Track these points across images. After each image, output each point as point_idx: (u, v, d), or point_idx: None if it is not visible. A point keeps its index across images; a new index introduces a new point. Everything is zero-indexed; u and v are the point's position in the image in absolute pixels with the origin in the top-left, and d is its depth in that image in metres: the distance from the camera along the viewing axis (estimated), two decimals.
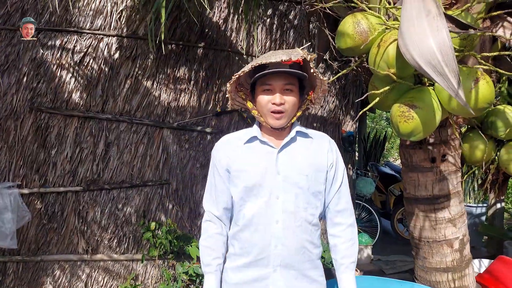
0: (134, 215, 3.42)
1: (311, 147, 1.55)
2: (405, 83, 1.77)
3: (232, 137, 1.59)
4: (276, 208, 1.47)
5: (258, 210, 1.47)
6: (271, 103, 1.45)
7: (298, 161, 1.51)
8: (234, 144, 1.55)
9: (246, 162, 1.50)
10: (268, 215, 1.47)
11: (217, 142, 1.59)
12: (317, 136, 1.60)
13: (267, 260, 1.47)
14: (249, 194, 1.48)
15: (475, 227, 5.28)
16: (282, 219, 1.46)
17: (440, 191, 2.26)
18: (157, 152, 3.50)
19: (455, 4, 2.08)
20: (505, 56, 2.42)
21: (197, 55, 3.65)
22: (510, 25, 2.22)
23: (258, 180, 1.47)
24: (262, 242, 1.47)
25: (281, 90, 1.45)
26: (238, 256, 1.52)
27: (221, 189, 1.55)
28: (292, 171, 1.49)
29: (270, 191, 1.47)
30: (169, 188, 3.52)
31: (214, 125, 3.68)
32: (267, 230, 1.47)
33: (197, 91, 3.63)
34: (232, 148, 1.53)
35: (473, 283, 2.39)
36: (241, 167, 1.50)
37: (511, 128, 2.19)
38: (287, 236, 1.46)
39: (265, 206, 1.47)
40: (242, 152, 1.52)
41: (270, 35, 3.89)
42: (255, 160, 1.50)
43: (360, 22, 1.80)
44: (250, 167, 1.49)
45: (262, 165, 1.48)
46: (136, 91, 3.46)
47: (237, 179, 1.50)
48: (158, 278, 3.46)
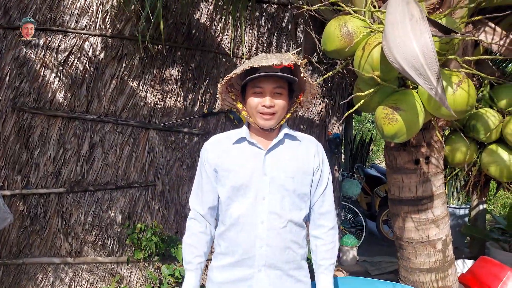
0: (119, 217, 3.37)
1: (299, 149, 1.57)
2: (389, 86, 1.79)
3: (221, 137, 1.60)
4: (261, 209, 1.48)
5: (244, 211, 1.49)
6: (261, 105, 1.47)
7: (285, 163, 1.52)
8: (223, 144, 1.56)
9: (234, 162, 1.52)
10: (253, 215, 1.48)
11: (206, 142, 1.60)
12: (305, 139, 1.62)
13: (252, 260, 1.48)
14: (236, 194, 1.50)
15: (458, 228, 5.37)
16: (268, 220, 1.48)
17: (424, 193, 2.30)
18: (142, 153, 3.47)
19: (439, 9, 2.12)
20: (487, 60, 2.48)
21: (184, 56, 3.64)
22: (492, 30, 2.27)
23: (245, 181, 1.49)
24: (247, 242, 1.48)
25: (271, 93, 1.48)
26: (223, 256, 1.53)
27: (208, 189, 1.56)
28: (279, 173, 1.51)
29: (256, 192, 1.49)
30: (155, 190, 3.49)
31: (201, 126, 3.66)
32: (252, 231, 1.48)
33: (183, 92, 3.61)
34: (221, 148, 1.55)
35: (456, 283, 2.43)
36: (229, 167, 1.51)
37: (492, 131, 2.24)
38: (271, 237, 1.48)
39: (251, 206, 1.49)
40: (230, 152, 1.53)
41: (257, 37, 3.89)
42: (242, 160, 1.51)
43: (345, 25, 1.82)
44: (237, 168, 1.50)
45: (249, 166, 1.50)
46: (122, 91, 3.42)
47: (224, 179, 1.52)
48: (143, 281, 3.42)
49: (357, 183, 5.26)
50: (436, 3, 2.10)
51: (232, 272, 1.50)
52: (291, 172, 1.52)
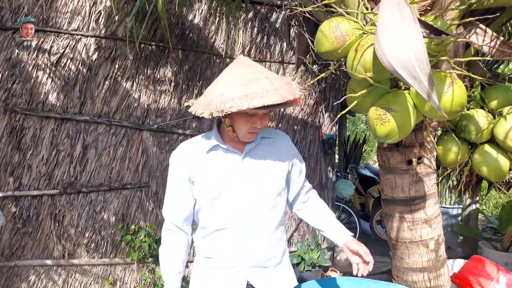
0: (112, 219, 3.36)
1: (274, 147, 1.58)
2: (382, 87, 1.80)
3: (191, 145, 1.54)
4: (243, 212, 1.49)
5: (226, 216, 1.49)
6: (252, 126, 1.44)
7: (263, 163, 1.53)
8: (195, 153, 1.51)
9: (210, 170, 1.49)
10: (236, 219, 1.49)
11: (175, 152, 1.55)
12: (276, 134, 1.63)
13: (238, 263, 1.50)
14: (216, 200, 1.49)
15: (450, 227, 5.41)
16: (251, 223, 1.49)
17: (416, 193, 2.31)
18: (136, 154, 3.46)
19: (430, 11, 2.14)
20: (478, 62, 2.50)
21: (177, 56, 3.63)
22: (483, 31, 2.30)
23: (224, 187, 1.48)
24: (231, 246, 1.49)
25: (263, 115, 1.46)
26: (207, 259, 1.54)
27: (182, 198, 1.53)
28: (258, 174, 1.51)
29: (237, 196, 1.49)
30: (149, 191, 3.48)
31: (195, 127, 3.66)
32: (236, 234, 1.49)
33: (177, 93, 3.61)
34: (193, 158, 1.51)
35: (448, 282, 2.46)
36: (205, 176, 1.49)
37: (483, 132, 2.27)
38: (255, 238, 1.49)
39: (233, 211, 1.49)
40: (205, 161, 1.50)
41: (251, 38, 3.90)
42: (219, 167, 1.49)
43: (338, 27, 1.83)
44: (215, 175, 1.49)
45: (227, 172, 1.49)
46: (115, 92, 3.41)
47: (203, 187, 1.50)
48: (137, 282, 3.40)
49: (350, 184, 5.29)
50: (427, 5, 2.12)
51: (217, 275, 1.51)
52: (270, 171, 1.53)
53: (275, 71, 4.01)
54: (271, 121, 3.98)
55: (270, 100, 1.33)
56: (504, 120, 2.24)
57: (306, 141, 4.16)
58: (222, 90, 1.38)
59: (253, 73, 1.41)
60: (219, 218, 1.50)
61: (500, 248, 4.24)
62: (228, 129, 1.48)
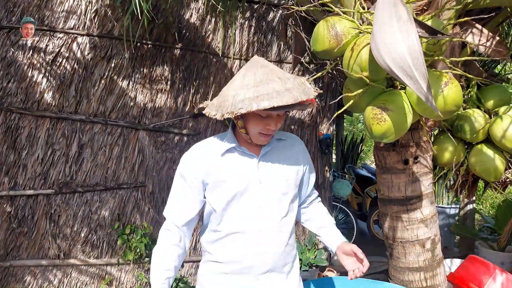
0: (108, 219, 3.34)
1: (289, 150, 1.56)
2: (378, 86, 1.80)
3: (206, 147, 1.51)
4: (259, 217, 1.46)
5: (241, 219, 1.46)
6: (266, 128, 1.41)
7: (278, 167, 1.50)
8: (210, 154, 1.48)
9: (225, 172, 1.46)
10: (251, 224, 1.46)
11: (188, 153, 1.51)
12: (291, 138, 1.61)
13: (249, 269, 1.46)
14: (231, 204, 1.46)
15: (447, 227, 5.42)
16: (266, 228, 1.46)
17: (413, 192, 2.31)
18: (132, 154, 3.44)
19: (427, 10, 2.14)
20: (474, 62, 2.50)
21: (174, 56, 3.62)
22: (479, 31, 2.30)
23: (239, 190, 1.45)
24: (244, 251, 1.46)
25: (277, 117, 1.43)
26: (217, 264, 1.50)
27: (189, 200, 1.48)
28: (274, 178, 1.48)
29: (252, 200, 1.46)
30: (145, 191, 3.46)
31: (191, 127, 3.65)
32: (250, 239, 1.45)
33: (174, 92, 3.60)
34: (208, 159, 1.47)
35: (444, 281, 2.46)
36: (221, 178, 1.45)
37: (479, 131, 2.27)
38: (269, 244, 1.46)
39: (248, 215, 1.46)
40: (220, 163, 1.47)
41: (248, 37, 3.89)
42: (235, 170, 1.46)
43: (334, 26, 1.83)
44: (230, 178, 1.45)
45: (243, 175, 1.46)
46: (111, 91, 3.40)
47: (217, 190, 1.46)
48: (133, 283, 3.39)
49: (348, 184, 5.28)
50: (424, 5, 2.12)
51: (227, 280, 1.47)
52: (285, 175, 1.50)
53: None
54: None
55: (280, 101, 1.29)
56: (500, 120, 2.24)
57: (303, 140, 4.15)
58: (235, 91, 1.36)
59: (265, 73, 1.38)
60: (233, 222, 1.45)
61: (496, 248, 4.25)
62: (241, 131, 1.45)
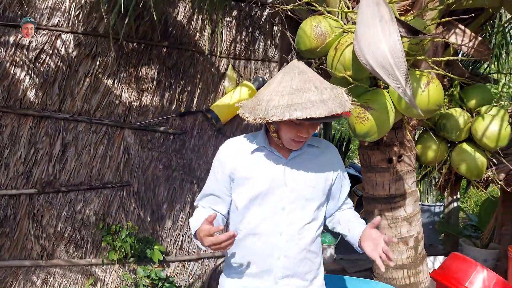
0: (92, 218, 3.30)
1: (320, 157, 1.53)
2: (361, 85, 1.81)
3: (238, 142, 1.54)
4: (280, 220, 1.44)
5: (262, 220, 1.44)
6: (297, 135, 1.38)
7: (306, 172, 1.48)
8: (241, 150, 1.50)
9: (252, 170, 1.46)
10: (272, 226, 1.44)
11: (223, 146, 1.55)
12: (324, 145, 1.57)
13: (269, 272, 1.45)
14: (254, 203, 1.45)
15: (432, 225, 5.49)
16: (287, 231, 1.44)
17: (397, 191, 2.34)
18: (117, 153, 3.40)
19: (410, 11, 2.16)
20: (457, 62, 2.54)
21: (160, 54, 3.59)
22: (462, 32, 2.33)
23: (264, 190, 1.44)
24: (264, 253, 1.44)
25: (310, 125, 1.39)
26: (238, 265, 1.49)
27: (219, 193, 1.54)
28: (300, 183, 1.46)
29: (276, 202, 1.44)
30: (130, 190, 3.43)
31: (178, 125, 3.63)
32: (270, 241, 1.44)
33: (160, 91, 3.57)
34: (239, 154, 1.49)
35: (427, 278, 2.49)
36: (247, 175, 1.46)
37: (462, 130, 2.30)
38: (290, 248, 1.44)
39: (270, 216, 1.44)
40: (249, 160, 1.48)
41: (235, 35, 3.88)
42: (262, 169, 1.46)
43: (318, 25, 1.84)
44: (256, 176, 1.45)
45: (269, 175, 1.45)
46: (96, 90, 3.35)
47: (242, 187, 1.47)
48: (118, 283, 3.36)
49: None
50: (407, 5, 2.14)
51: (247, 283, 1.46)
52: (312, 182, 1.48)
53: (259, 69, 4.01)
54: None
55: (313, 112, 1.26)
56: (482, 119, 2.28)
57: None
58: (270, 96, 1.34)
59: (302, 81, 1.34)
60: (254, 222, 1.45)
61: (479, 245, 4.32)
62: (273, 135, 1.45)
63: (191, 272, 3.66)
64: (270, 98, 1.33)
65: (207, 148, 3.75)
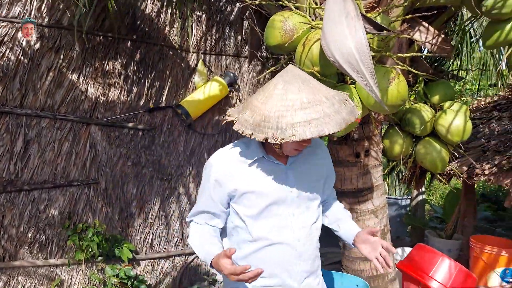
0: (58, 217, 3.19)
1: (313, 157, 1.52)
2: (329, 81, 1.83)
3: (232, 157, 1.43)
4: (293, 226, 1.43)
5: (276, 230, 1.42)
6: (302, 144, 1.34)
7: (306, 174, 1.47)
8: (238, 166, 1.42)
9: (256, 183, 1.41)
10: (286, 233, 1.42)
11: (216, 164, 1.44)
12: (316, 143, 1.56)
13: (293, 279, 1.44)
14: (262, 215, 1.41)
15: (400, 218, 5.66)
16: (300, 235, 1.43)
17: (364, 184, 2.39)
18: (84, 150, 3.30)
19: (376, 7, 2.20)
20: (421, 58, 2.61)
21: (128, 48, 3.50)
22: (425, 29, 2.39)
23: (271, 201, 1.40)
24: (284, 262, 1.43)
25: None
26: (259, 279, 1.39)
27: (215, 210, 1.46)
28: (303, 185, 1.45)
29: (284, 210, 1.42)
30: (98, 188, 3.34)
31: (147, 121, 3.55)
32: (288, 249, 1.42)
33: (128, 86, 3.48)
34: (237, 171, 1.41)
35: (394, 269, 2.56)
36: (250, 190, 1.40)
37: (426, 125, 2.37)
38: (306, 250, 1.44)
39: (282, 225, 1.42)
40: (250, 174, 1.41)
41: (205, 30, 3.84)
42: (265, 180, 1.41)
43: (286, 21, 1.84)
44: (261, 188, 1.41)
45: (273, 185, 1.42)
46: (60, 84, 3.23)
47: (246, 201, 1.41)
48: (85, 284, 3.27)
49: None
50: (373, 2, 2.17)
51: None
52: (312, 182, 1.48)
53: (230, 64, 3.98)
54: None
55: (333, 128, 1.21)
56: (445, 115, 2.36)
57: None
58: (278, 111, 1.23)
59: (311, 92, 1.26)
60: (265, 233, 1.41)
61: (444, 236, 4.49)
62: (275, 146, 1.37)
63: (162, 270, 3.61)
64: (280, 114, 1.22)
65: (177, 144, 3.70)
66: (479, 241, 3.47)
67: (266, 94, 1.29)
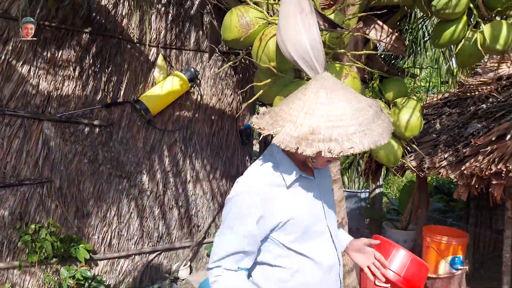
0: (8, 218, 3.03)
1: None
2: (286, 77, 1.84)
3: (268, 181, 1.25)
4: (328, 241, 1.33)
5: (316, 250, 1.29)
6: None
7: (327, 183, 1.40)
8: (277, 190, 1.24)
9: (297, 205, 1.26)
10: (328, 250, 1.32)
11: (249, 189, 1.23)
12: None
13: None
14: (303, 237, 1.27)
15: (359, 211, 5.84)
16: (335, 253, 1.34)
17: None
18: (35, 147, 3.15)
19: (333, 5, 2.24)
20: (377, 56, 2.69)
21: (83, 40, 3.36)
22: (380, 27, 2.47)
23: (310, 220, 1.28)
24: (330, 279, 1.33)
25: None
26: None
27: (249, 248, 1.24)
28: (329, 196, 1.38)
29: (323, 226, 1.32)
30: (51, 187, 3.20)
31: (104, 117, 3.44)
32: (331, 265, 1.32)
33: (83, 80, 3.35)
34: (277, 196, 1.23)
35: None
36: (291, 215, 1.24)
37: None
38: (339, 270, 1.37)
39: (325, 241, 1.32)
40: (289, 196, 1.25)
41: (165, 24, 3.76)
42: (304, 199, 1.28)
43: (243, 16, 1.83)
44: (302, 210, 1.26)
45: (312, 202, 1.30)
46: (9, 78, 3.06)
47: (289, 227, 1.24)
48: (39, 286, 3.13)
49: None
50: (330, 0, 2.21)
51: None
52: (330, 192, 1.41)
53: (191, 59, 3.93)
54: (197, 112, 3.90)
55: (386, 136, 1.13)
56: (398, 110, 2.44)
57: (224, 131, 4.15)
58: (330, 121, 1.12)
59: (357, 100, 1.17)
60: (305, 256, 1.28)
61: (400, 227, 4.68)
62: (312, 161, 1.24)
63: (121, 269, 3.53)
64: (332, 124, 1.11)
65: (136, 141, 3.61)
66: (430, 231, 3.63)
67: (308, 103, 1.16)
